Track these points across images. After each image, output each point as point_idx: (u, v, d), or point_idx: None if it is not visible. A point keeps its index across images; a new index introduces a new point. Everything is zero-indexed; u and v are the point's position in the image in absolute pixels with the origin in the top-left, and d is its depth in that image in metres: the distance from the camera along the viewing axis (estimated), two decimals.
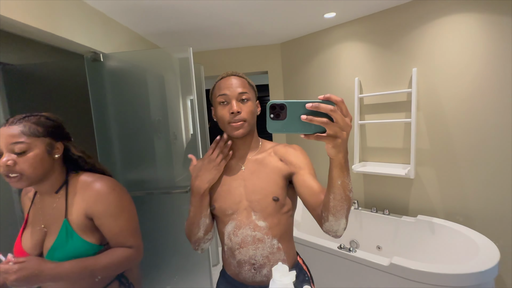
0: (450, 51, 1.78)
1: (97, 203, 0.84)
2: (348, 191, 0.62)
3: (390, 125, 2.12)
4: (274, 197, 0.82)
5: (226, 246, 0.88)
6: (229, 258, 0.87)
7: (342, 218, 0.66)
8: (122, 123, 1.81)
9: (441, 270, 1.32)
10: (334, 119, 0.50)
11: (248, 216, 0.83)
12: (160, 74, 1.90)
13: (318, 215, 0.73)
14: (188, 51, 1.67)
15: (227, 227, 0.85)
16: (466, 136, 1.79)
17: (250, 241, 0.82)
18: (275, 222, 0.83)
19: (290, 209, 0.87)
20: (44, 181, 0.83)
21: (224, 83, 0.83)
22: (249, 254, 0.83)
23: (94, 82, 1.75)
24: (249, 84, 0.86)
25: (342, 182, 0.60)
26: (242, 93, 0.82)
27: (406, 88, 1.99)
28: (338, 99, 0.50)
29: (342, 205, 0.63)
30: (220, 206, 0.85)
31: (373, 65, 2.15)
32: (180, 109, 1.91)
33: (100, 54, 1.69)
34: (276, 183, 0.82)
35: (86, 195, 0.85)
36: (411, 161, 1.94)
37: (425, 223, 1.90)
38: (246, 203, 0.84)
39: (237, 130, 0.82)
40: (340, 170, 0.59)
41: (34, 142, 0.78)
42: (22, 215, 0.94)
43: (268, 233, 0.82)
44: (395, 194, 2.16)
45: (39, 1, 1.26)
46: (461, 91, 1.77)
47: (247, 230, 0.83)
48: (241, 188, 0.85)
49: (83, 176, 0.89)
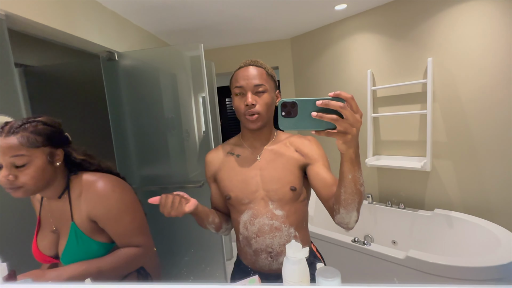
0: (468, 39, 1.72)
1: (98, 207, 0.82)
2: (359, 185, 0.63)
3: (404, 117, 2.07)
4: (292, 186, 0.82)
5: (241, 236, 0.88)
6: (245, 247, 0.88)
7: (354, 211, 0.67)
8: (136, 120, 1.86)
9: (460, 263, 1.28)
10: (344, 115, 0.51)
11: (266, 205, 0.84)
12: (172, 72, 1.94)
13: (330, 207, 0.74)
14: (199, 48, 1.69)
15: (243, 216, 0.86)
16: (486, 127, 1.73)
17: (267, 230, 0.83)
18: (292, 211, 0.84)
19: (305, 197, 0.88)
20: (46, 188, 0.81)
21: (241, 74, 0.83)
22: (266, 243, 0.83)
23: (110, 81, 1.80)
24: (267, 74, 0.85)
25: (353, 176, 0.61)
26: (258, 85, 0.81)
27: (421, 79, 1.94)
28: (348, 96, 0.51)
29: (353, 199, 0.64)
30: (236, 196, 0.86)
31: (386, 57, 2.10)
32: (192, 107, 1.95)
33: (115, 53, 1.74)
34: (292, 173, 0.83)
35: (88, 198, 0.83)
36: (427, 153, 1.89)
37: (442, 217, 1.85)
38: (263, 192, 0.84)
39: (251, 123, 0.83)
40: (350, 165, 0.60)
41: (34, 154, 0.75)
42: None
43: (285, 222, 0.84)
44: (411, 188, 2.12)
45: (57, 3, 1.31)
46: (480, 80, 1.71)
47: (264, 219, 0.83)
48: (257, 178, 0.85)
49: (85, 176, 0.86)
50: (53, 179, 0.82)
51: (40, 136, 0.76)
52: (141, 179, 1.90)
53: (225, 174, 0.89)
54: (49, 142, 0.78)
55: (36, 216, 0.92)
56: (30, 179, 0.75)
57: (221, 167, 0.91)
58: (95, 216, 0.83)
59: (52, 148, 0.79)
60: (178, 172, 1.92)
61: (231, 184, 0.87)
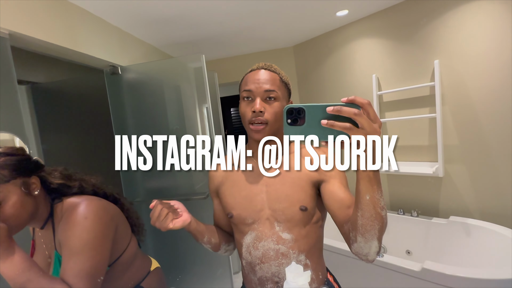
0: (475, 39, 1.67)
1: (63, 232, 0.73)
2: (380, 208, 0.53)
3: (413, 122, 2.01)
4: (302, 206, 0.71)
5: (244, 261, 0.78)
6: (249, 274, 0.78)
7: (373, 240, 0.56)
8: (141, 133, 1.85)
9: (480, 275, 1.21)
10: (360, 124, 0.44)
11: (271, 226, 0.73)
12: (176, 84, 1.94)
13: (346, 233, 0.65)
14: (201, 59, 1.69)
15: (246, 238, 0.76)
16: (499, 128, 1.66)
17: (272, 256, 0.73)
18: (302, 234, 0.73)
19: (320, 219, 0.77)
20: (32, 220, 0.75)
21: (252, 77, 0.74)
22: (271, 271, 0.73)
23: (114, 95, 1.81)
24: (281, 81, 0.75)
25: (371, 197, 0.52)
26: (269, 91, 0.72)
27: (428, 82, 1.89)
28: (364, 101, 0.44)
29: (372, 225, 0.54)
30: (238, 215, 0.76)
31: (391, 60, 2.07)
32: (197, 117, 1.94)
33: (118, 67, 1.76)
34: (303, 190, 0.72)
35: (62, 222, 0.75)
36: (439, 158, 1.82)
37: (458, 224, 1.76)
38: (268, 211, 0.74)
39: (256, 134, 0.73)
40: (368, 183, 0.51)
41: (6, 189, 0.68)
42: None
43: (293, 247, 0.72)
44: (423, 195, 2.04)
45: (60, 20, 1.33)
46: (491, 80, 1.65)
47: (269, 243, 0.73)
48: (263, 195, 0.75)
49: (68, 200, 0.78)
50: (36, 209, 0.75)
51: (5, 169, 0.69)
52: (146, 191, 1.89)
53: (227, 189, 0.80)
54: (18, 172, 0.71)
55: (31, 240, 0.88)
56: (10, 217, 0.68)
57: (224, 181, 0.82)
58: (59, 241, 0.74)
59: (24, 177, 0.72)
60: (183, 184, 1.90)
61: (234, 201, 0.78)
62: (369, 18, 2.13)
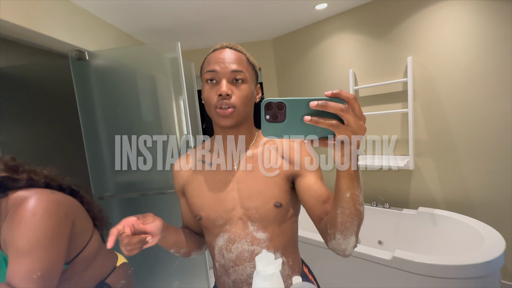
0: (446, 38, 1.74)
1: (8, 231, 0.67)
2: (359, 205, 0.52)
3: (387, 116, 2.07)
4: (276, 202, 0.67)
5: (217, 263, 0.73)
6: (223, 276, 0.73)
7: (352, 236, 0.55)
8: (111, 124, 1.74)
9: (446, 261, 1.27)
10: (345, 121, 0.41)
11: (244, 227, 0.69)
12: (150, 74, 1.85)
13: (323, 229, 0.62)
14: (177, 47, 1.62)
15: (218, 240, 0.71)
16: (465, 124, 1.75)
17: (247, 258, 0.68)
18: (277, 232, 0.69)
19: (294, 214, 0.73)
20: None
21: (215, 57, 0.66)
22: (246, 273, 0.69)
23: (80, 82, 1.69)
24: (248, 61, 0.69)
25: (351, 195, 0.51)
26: (237, 71, 0.65)
27: (402, 78, 1.95)
28: (349, 95, 0.41)
29: (351, 221, 0.53)
30: (207, 216, 0.70)
31: (367, 56, 2.11)
32: (173, 109, 1.86)
33: (85, 52, 1.63)
34: (277, 185, 0.67)
35: (7, 219, 0.69)
36: (410, 152, 1.89)
37: (426, 215, 1.85)
38: (240, 211, 0.69)
39: (224, 119, 0.65)
40: (349, 181, 0.49)
41: None
42: None
43: (269, 246, 0.69)
44: (395, 187, 2.11)
45: None
46: (458, 78, 1.73)
47: (243, 244, 0.68)
48: (234, 193, 0.69)
49: (14, 195, 0.72)
50: None
51: None
52: (116, 186, 1.79)
53: (194, 188, 0.73)
54: None
55: None
56: None
57: (189, 180, 0.74)
58: (4, 240, 0.68)
59: None
60: (157, 178, 1.82)
61: (202, 201, 0.71)
62: (347, 13, 2.16)
